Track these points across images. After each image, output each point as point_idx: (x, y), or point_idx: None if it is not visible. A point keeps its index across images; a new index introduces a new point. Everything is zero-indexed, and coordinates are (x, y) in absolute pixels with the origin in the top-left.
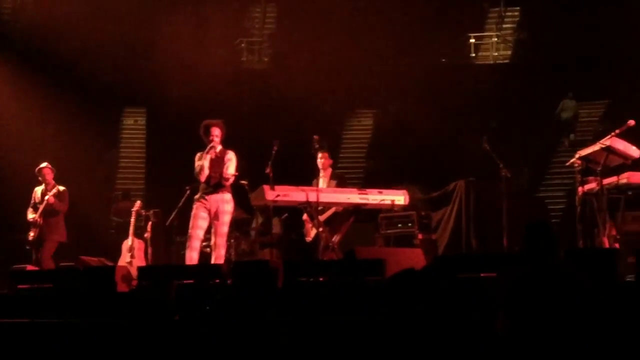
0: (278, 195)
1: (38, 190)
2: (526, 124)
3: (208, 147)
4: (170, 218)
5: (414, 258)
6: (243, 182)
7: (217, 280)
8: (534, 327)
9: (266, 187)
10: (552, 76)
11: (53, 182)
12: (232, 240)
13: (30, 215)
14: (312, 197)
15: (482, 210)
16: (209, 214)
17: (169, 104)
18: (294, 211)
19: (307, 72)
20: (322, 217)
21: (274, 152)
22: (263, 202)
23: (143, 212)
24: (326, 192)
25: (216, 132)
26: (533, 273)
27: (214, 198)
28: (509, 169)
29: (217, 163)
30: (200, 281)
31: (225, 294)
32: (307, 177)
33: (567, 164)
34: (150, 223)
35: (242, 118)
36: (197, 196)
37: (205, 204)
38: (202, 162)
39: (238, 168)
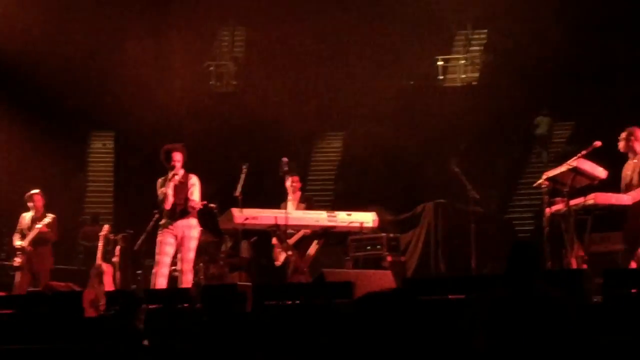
0: (247, 219)
1: (26, 216)
2: (494, 145)
3: (170, 174)
4: (139, 242)
5: (384, 280)
6: (212, 205)
7: (186, 305)
8: (515, 349)
9: (234, 210)
10: (519, 97)
11: (43, 209)
12: (201, 264)
13: (18, 242)
14: (281, 220)
15: (450, 232)
16: (176, 239)
17: (137, 127)
18: (263, 234)
19: (276, 95)
20: (291, 240)
21: (243, 175)
22: (232, 225)
23: (111, 236)
24: (295, 214)
25: (177, 157)
26: (516, 295)
27: (180, 224)
28: (478, 191)
29: (181, 189)
30: (169, 305)
31: (194, 319)
32: (277, 200)
33: (535, 185)
34: (118, 247)
35: (211, 141)
36: (162, 222)
37: (171, 231)
38: (166, 190)
39: (202, 192)
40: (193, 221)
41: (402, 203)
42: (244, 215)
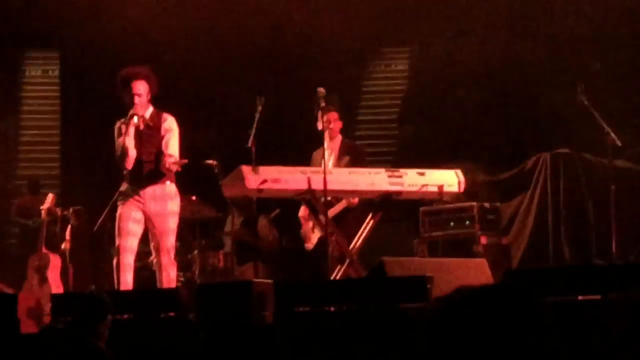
0: (264, 182)
1: None
2: None
3: (129, 114)
4: (100, 220)
5: (476, 272)
6: (210, 161)
7: (172, 314)
8: None
9: (246, 169)
10: None
11: None
12: (195, 252)
13: None
14: (316, 183)
15: (578, 198)
16: (144, 215)
17: (97, 44)
18: (288, 205)
19: None
20: (330, 213)
21: (257, 115)
22: (242, 192)
23: (59, 210)
24: (337, 173)
25: (140, 88)
26: None
27: (149, 193)
28: (621, 135)
29: (149, 137)
30: (144, 315)
31: (185, 334)
32: (306, 152)
33: None
34: (69, 227)
35: (204, 64)
36: (122, 189)
37: (137, 202)
38: (124, 140)
39: (183, 142)
40: (170, 188)
41: (502, 155)
42: (259, 177)
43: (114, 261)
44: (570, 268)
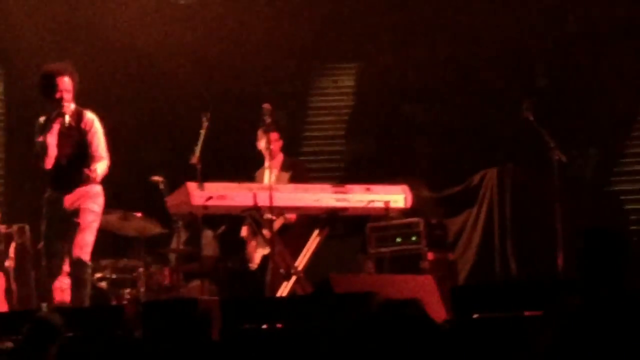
0: (210, 198)
1: None
2: (593, 78)
3: (57, 112)
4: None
5: (423, 289)
6: (156, 178)
7: (119, 332)
8: None
9: (191, 186)
10: None
11: None
12: (140, 269)
13: None
14: (263, 199)
15: (524, 213)
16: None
17: (39, 56)
18: (235, 222)
19: (254, 9)
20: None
21: (203, 130)
22: (188, 208)
23: (2, 228)
24: (283, 190)
25: (67, 84)
26: (591, 309)
27: (72, 196)
28: (565, 151)
29: (71, 136)
30: (90, 332)
31: (131, 353)
32: (252, 168)
33: None
34: (13, 245)
35: (151, 77)
36: (46, 195)
37: (61, 208)
38: (46, 137)
39: (116, 153)
40: (95, 188)
41: (449, 170)
42: (205, 194)
43: (48, 272)
44: (517, 283)
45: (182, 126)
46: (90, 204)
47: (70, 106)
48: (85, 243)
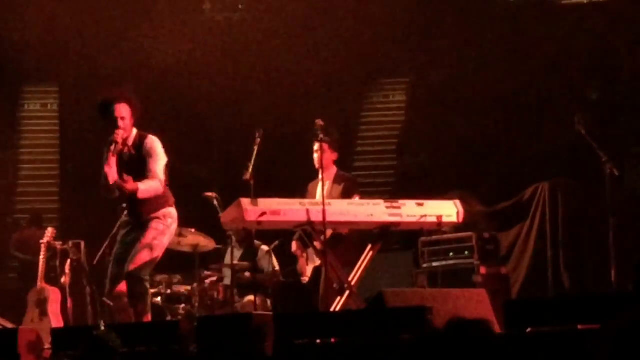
0: (264, 214)
1: None
2: None
3: (109, 140)
4: (100, 253)
5: (475, 303)
6: (209, 193)
7: (176, 347)
8: None
9: (245, 202)
10: None
11: None
12: (195, 285)
13: None
14: (316, 215)
15: (576, 227)
16: None
17: (96, 77)
18: (288, 236)
19: (305, 25)
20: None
21: (256, 147)
22: (241, 224)
23: (58, 245)
24: (336, 205)
25: (122, 111)
26: None
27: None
28: (618, 164)
29: (132, 162)
30: (147, 348)
31: None
32: (304, 184)
33: None
34: (69, 262)
35: (202, 97)
36: (123, 219)
37: (131, 232)
38: (105, 168)
39: (169, 167)
40: (166, 209)
41: (500, 185)
42: (259, 209)
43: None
44: (570, 297)
45: (235, 142)
46: (156, 223)
47: (121, 133)
48: (140, 259)
